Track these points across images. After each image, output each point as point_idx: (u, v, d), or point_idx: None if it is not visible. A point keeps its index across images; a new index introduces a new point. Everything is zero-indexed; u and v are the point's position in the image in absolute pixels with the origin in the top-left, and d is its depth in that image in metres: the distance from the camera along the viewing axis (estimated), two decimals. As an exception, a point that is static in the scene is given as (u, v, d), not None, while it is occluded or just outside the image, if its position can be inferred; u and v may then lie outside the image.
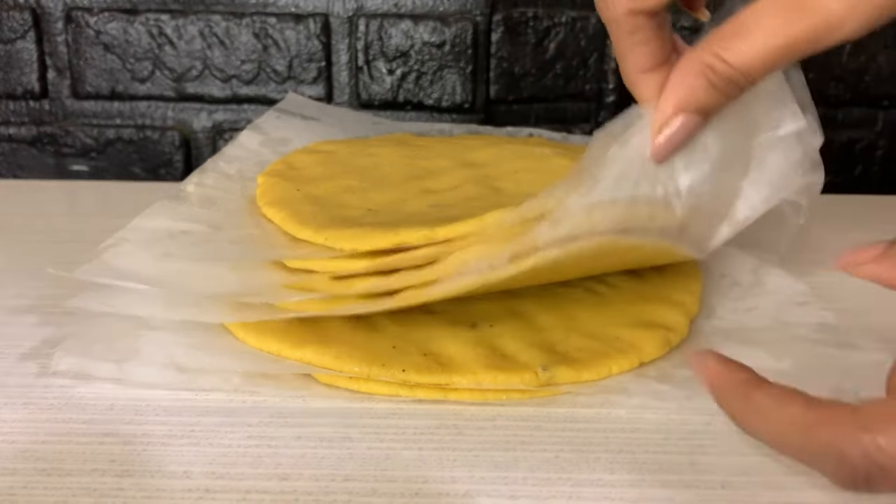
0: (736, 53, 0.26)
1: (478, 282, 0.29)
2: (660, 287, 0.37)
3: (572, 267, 0.32)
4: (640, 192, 0.29)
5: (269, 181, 0.41)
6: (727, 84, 0.27)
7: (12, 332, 0.35)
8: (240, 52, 0.62)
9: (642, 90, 0.29)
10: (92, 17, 0.61)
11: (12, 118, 0.64)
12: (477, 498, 0.25)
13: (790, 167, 0.32)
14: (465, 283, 0.29)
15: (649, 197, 0.29)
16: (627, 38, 0.28)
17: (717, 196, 0.31)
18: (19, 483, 0.26)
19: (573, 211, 0.28)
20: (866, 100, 0.65)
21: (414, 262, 0.31)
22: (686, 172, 0.29)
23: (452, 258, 0.30)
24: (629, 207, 0.29)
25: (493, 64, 0.62)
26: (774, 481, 0.26)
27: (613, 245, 0.30)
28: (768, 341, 0.34)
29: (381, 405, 0.30)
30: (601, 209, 0.28)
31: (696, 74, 0.27)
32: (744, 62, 0.26)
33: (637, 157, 0.28)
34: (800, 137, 0.31)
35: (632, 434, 0.29)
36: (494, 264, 0.29)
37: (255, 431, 0.28)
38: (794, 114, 0.31)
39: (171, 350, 0.32)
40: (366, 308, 0.31)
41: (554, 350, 0.32)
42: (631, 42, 0.28)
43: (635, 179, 0.28)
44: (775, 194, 0.32)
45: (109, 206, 0.52)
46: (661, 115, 0.28)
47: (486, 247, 0.30)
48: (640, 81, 0.29)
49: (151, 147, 0.65)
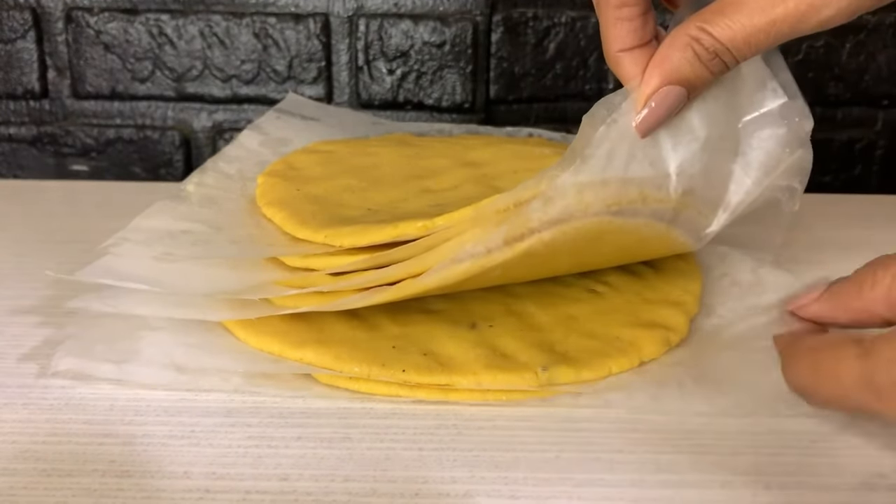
0: (721, 28, 0.27)
1: (474, 267, 0.29)
2: (659, 288, 0.37)
3: (568, 256, 0.32)
4: (630, 172, 0.29)
5: (269, 181, 0.41)
6: (712, 58, 0.28)
7: (12, 332, 0.35)
8: (240, 52, 0.62)
9: (626, 68, 0.30)
10: (92, 16, 0.61)
11: (12, 118, 0.64)
12: (477, 498, 0.25)
13: (777, 146, 0.33)
14: (462, 269, 0.29)
15: (640, 177, 0.29)
16: (614, 12, 0.29)
17: (709, 179, 0.32)
18: (19, 483, 0.26)
19: (564, 190, 0.28)
20: (866, 99, 0.65)
21: (411, 252, 0.31)
22: (675, 153, 0.30)
23: (448, 244, 0.30)
24: (620, 188, 0.29)
25: (493, 64, 0.62)
26: (774, 481, 0.26)
27: (608, 227, 0.30)
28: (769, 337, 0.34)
29: (381, 405, 0.30)
30: (592, 189, 0.29)
31: (683, 47, 0.28)
32: (729, 37, 0.27)
33: (625, 138, 0.29)
34: (784, 115, 0.32)
35: (632, 434, 0.29)
36: (490, 247, 0.29)
37: (255, 432, 0.28)
38: (774, 91, 0.32)
39: (170, 350, 0.32)
40: (363, 300, 0.31)
41: (554, 350, 0.32)
42: (616, 17, 0.29)
43: (625, 159, 0.29)
44: (766, 175, 0.32)
45: (109, 206, 0.52)
46: (646, 87, 0.29)
47: (481, 230, 0.30)
48: (623, 59, 0.30)
49: (151, 147, 0.64)
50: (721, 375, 0.31)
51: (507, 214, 0.29)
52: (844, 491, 0.26)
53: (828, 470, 0.27)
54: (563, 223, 0.29)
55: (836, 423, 0.29)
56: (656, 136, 0.30)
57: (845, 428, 0.29)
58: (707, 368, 0.32)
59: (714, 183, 0.32)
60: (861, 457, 0.28)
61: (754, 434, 0.29)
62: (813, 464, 0.27)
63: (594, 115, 0.29)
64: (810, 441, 0.28)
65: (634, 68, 0.29)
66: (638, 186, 0.30)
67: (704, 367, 0.32)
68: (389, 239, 0.32)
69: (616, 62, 0.30)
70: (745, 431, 0.29)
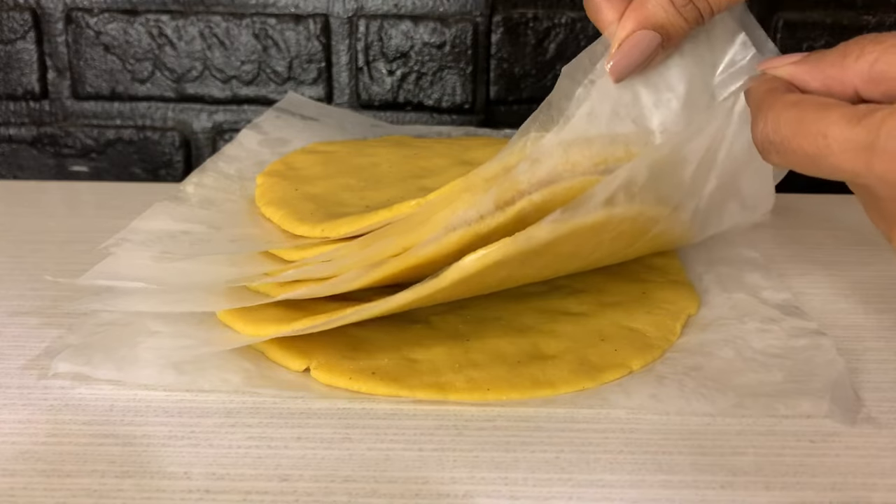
0: None
1: (468, 234, 0.29)
2: (655, 296, 0.37)
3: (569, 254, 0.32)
4: (613, 129, 0.30)
5: (269, 181, 0.42)
6: (686, 4, 0.29)
7: (13, 333, 0.35)
8: (240, 53, 0.62)
9: (605, 13, 0.31)
10: (92, 17, 0.61)
11: (12, 119, 0.64)
12: (477, 499, 0.25)
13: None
14: (457, 237, 0.29)
15: (624, 134, 0.30)
16: None
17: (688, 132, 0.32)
18: (19, 484, 0.26)
19: (550, 150, 0.29)
20: (866, 100, 0.65)
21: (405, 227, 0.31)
22: (657, 110, 0.31)
23: (439, 215, 0.30)
24: (606, 145, 0.30)
25: (493, 65, 0.62)
26: (774, 481, 0.26)
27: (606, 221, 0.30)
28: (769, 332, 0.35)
29: (381, 406, 0.30)
30: (577, 147, 0.29)
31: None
32: None
33: (607, 97, 0.30)
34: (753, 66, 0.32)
35: (632, 434, 0.29)
36: (482, 212, 0.29)
37: (255, 432, 0.28)
38: (744, 44, 0.32)
39: (170, 351, 0.32)
40: (359, 280, 0.31)
41: (552, 354, 0.32)
42: None
43: (607, 117, 0.30)
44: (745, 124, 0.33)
45: (109, 207, 0.52)
46: (621, 30, 0.30)
47: (470, 195, 0.30)
48: (602, 4, 0.31)
49: (151, 148, 0.64)
50: (721, 376, 0.31)
51: (496, 181, 0.30)
52: (845, 491, 0.26)
53: (828, 470, 0.27)
54: (552, 184, 0.29)
55: (836, 424, 0.29)
56: (637, 93, 0.31)
57: (845, 428, 0.29)
58: (707, 369, 0.32)
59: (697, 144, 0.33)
60: (861, 457, 0.28)
61: (754, 434, 0.29)
62: (813, 464, 0.27)
63: (573, 67, 0.30)
64: (810, 441, 0.28)
65: (612, 14, 0.30)
66: (623, 144, 0.30)
67: (704, 367, 0.32)
68: (385, 221, 0.32)
69: (595, 8, 0.31)
70: (745, 431, 0.29)
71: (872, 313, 0.38)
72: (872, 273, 0.42)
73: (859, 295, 0.39)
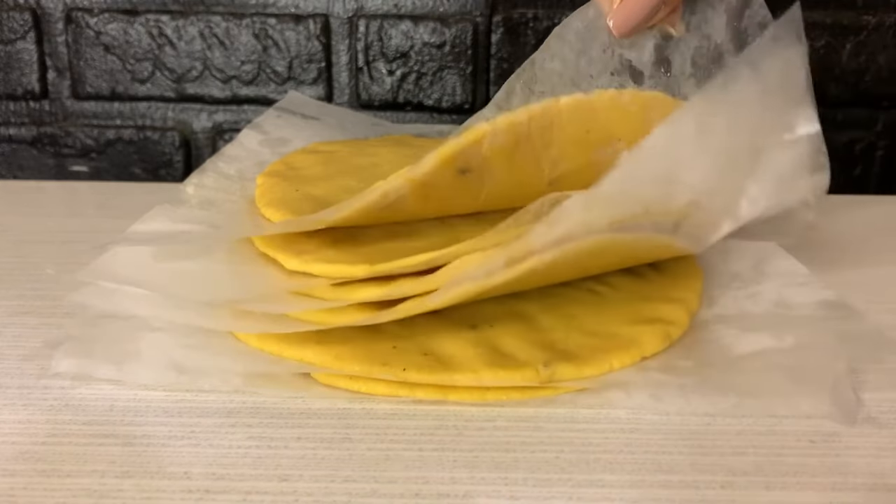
0: None
1: (475, 289, 0.29)
2: (661, 286, 0.37)
3: (570, 267, 0.32)
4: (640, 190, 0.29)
5: (269, 182, 0.42)
6: None
7: (12, 332, 0.35)
8: (240, 53, 0.62)
9: None
10: (92, 17, 0.61)
11: (12, 118, 0.64)
12: (477, 499, 0.25)
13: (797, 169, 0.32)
14: (463, 291, 0.29)
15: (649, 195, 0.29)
16: None
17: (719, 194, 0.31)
18: (19, 484, 0.26)
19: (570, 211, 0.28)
20: (866, 100, 0.65)
21: (414, 268, 0.31)
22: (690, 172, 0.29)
23: (450, 266, 0.30)
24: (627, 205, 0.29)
25: (493, 65, 0.62)
26: (774, 481, 0.26)
27: (609, 243, 0.30)
28: (770, 324, 0.35)
29: (381, 406, 0.30)
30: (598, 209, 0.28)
31: None
32: None
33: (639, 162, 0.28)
34: (811, 140, 0.31)
35: (632, 434, 0.29)
36: (491, 270, 0.29)
37: (255, 432, 0.28)
38: (808, 118, 0.30)
39: (170, 351, 0.32)
40: (368, 321, 0.31)
41: (554, 348, 0.32)
42: None
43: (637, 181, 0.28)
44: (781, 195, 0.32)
45: (109, 207, 0.52)
46: None
47: (484, 255, 0.30)
48: None
49: (151, 148, 0.65)
50: (721, 376, 0.31)
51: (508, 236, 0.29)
52: (845, 491, 0.26)
53: (828, 470, 0.27)
54: (565, 242, 0.29)
55: (836, 424, 0.29)
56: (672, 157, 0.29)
57: (845, 428, 0.29)
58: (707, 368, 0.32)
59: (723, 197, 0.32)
60: (861, 457, 0.28)
61: (754, 434, 0.29)
62: (813, 464, 0.27)
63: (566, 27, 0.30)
64: (810, 441, 0.28)
65: None
66: (643, 202, 0.29)
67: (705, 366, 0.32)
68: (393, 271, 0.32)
69: None
70: (745, 431, 0.29)
71: (872, 314, 0.38)
72: (872, 273, 0.42)
73: (860, 295, 0.39)
